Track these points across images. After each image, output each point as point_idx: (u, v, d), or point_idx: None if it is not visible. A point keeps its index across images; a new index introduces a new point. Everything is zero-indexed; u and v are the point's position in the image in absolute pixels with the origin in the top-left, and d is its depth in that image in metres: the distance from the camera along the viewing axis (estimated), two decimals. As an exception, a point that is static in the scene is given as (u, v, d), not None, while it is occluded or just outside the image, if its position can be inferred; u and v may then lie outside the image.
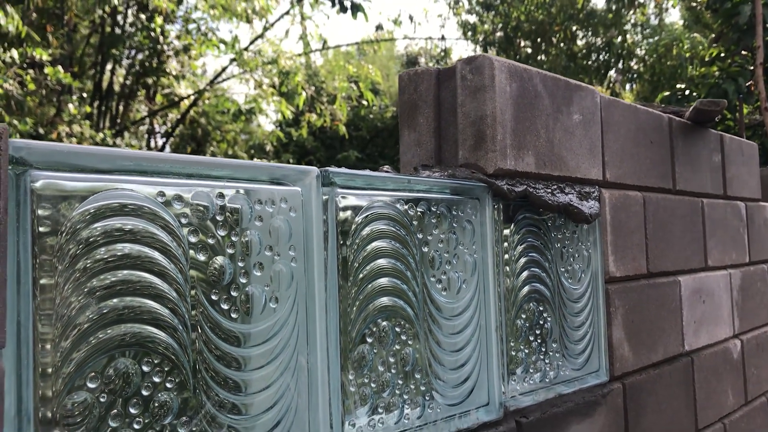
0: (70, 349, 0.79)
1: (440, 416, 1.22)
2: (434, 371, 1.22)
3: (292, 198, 1.02)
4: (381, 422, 1.12)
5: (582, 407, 1.55)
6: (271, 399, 0.97)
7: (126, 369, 0.83)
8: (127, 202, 0.83)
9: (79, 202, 0.80)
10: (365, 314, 1.11)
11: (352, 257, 1.10)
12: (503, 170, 1.34)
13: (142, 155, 0.86)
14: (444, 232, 1.26)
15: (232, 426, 0.93)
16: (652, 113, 1.92)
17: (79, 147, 0.81)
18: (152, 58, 9.59)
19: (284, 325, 0.99)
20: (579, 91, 1.59)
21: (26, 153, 0.76)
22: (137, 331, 0.84)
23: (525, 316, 1.44)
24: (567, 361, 1.54)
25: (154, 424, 0.84)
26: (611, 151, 1.71)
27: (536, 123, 1.44)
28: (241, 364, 0.94)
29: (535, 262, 1.47)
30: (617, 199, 1.72)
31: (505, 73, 1.36)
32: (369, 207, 1.13)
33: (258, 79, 10.25)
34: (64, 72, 7.48)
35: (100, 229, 0.81)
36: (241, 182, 0.96)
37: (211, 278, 0.91)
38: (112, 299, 0.82)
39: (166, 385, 0.86)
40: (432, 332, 1.22)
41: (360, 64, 11.34)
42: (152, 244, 0.85)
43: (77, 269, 0.79)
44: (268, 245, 0.98)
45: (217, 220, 0.93)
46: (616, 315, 1.69)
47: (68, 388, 0.78)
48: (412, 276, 1.19)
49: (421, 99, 1.42)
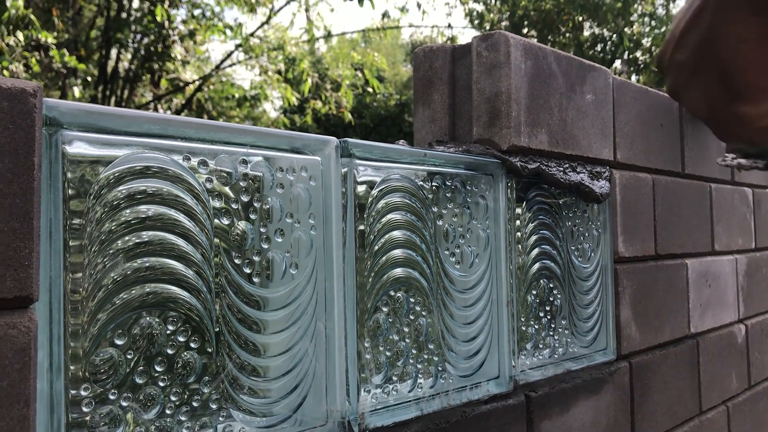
0: (98, 308, 0.81)
1: (452, 387, 1.24)
2: (447, 343, 1.24)
3: (312, 167, 1.03)
4: (395, 390, 1.14)
5: (589, 384, 1.57)
6: (290, 363, 0.99)
7: (152, 328, 0.84)
8: (153, 164, 0.85)
9: (107, 164, 0.81)
10: (381, 285, 1.13)
11: (369, 229, 1.12)
12: (517, 147, 1.35)
13: (168, 119, 0.87)
14: (458, 206, 1.28)
15: (252, 387, 0.95)
16: (663, 96, 1.93)
17: (108, 108, 0.82)
18: (157, 42, 9.58)
19: (303, 290, 1.01)
20: (592, 71, 1.61)
21: (58, 113, 0.78)
22: (163, 291, 0.85)
23: (535, 293, 1.45)
24: (575, 338, 1.56)
25: (179, 382, 0.87)
26: (622, 132, 1.72)
27: (550, 101, 1.45)
28: (260, 327, 0.96)
29: (546, 240, 1.49)
30: (627, 180, 1.73)
31: (520, 50, 1.37)
32: (386, 179, 1.15)
33: (263, 66, 10.25)
34: (70, 55, 7.49)
35: (126, 191, 0.83)
36: (263, 150, 0.98)
37: (234, 242, 0.93)
38: (138, 259, 0.84)
39: (191, 345, 0.88)
40: (445, 304, 1.24)
41: (365, 51, 11.32)
42: (178, 206, 0.87)
43: (104, 229, 0.81)
44: (288, 212, 1.00)
45: (240, 186, 0.94)
46: (624, 295, 1.70)
47: (96, 345, 0.80)
48: (426, 248, 1.21)
49: (436, 76, 1.43)
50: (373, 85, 10.13)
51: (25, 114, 0.71)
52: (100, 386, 0.80)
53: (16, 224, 0.70)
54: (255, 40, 10.08)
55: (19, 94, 0.71)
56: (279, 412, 0.97)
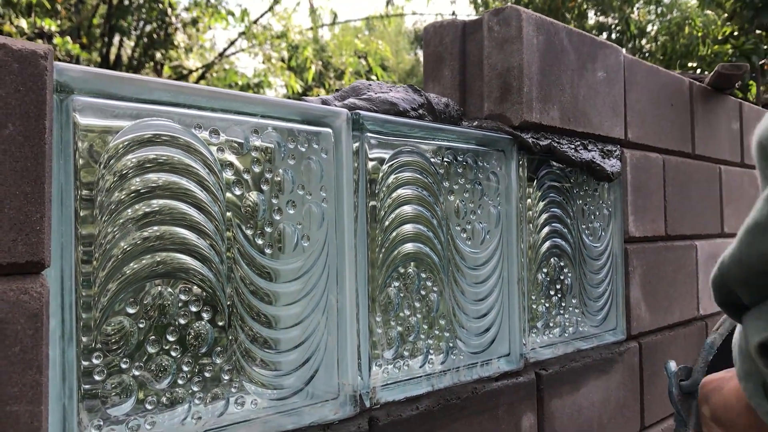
0: (108, 278, 0.80)
1: (463, 363, 1.23)
2: (458, 319, 1.23)
3: (323, 139, 1.02)
4: (406, 365, 1.13)
5: (599, 363, 1.56)
6: (302, 335, 0.98)
7: (163, 298, 0.84)
8: (163, 132, 0.84)
9: (118, 130, 0.80)
10: (392, 259, 1.12)
11: (379, 204, 1.11)
12: (529, 123, 1.34)
13: (180, 86, 0.86)
14: (469, 182, 1.27)
15: (264, 359, 0.94)
16: (673, 76, 1.91)
17: (120, 74, 0.81)
18: (160, 30, 9.54)
19: (315, 263, 1.00)
20: (604, 48, 1.59)
21: (69, 78, 0.76)
22: (173, 260, 0.85)
23: (546, 271, 1.44)
24: (586, 317, 1.55)
25: (191, 352, 0.86)
26: (633, 111, 1.71)
27: (561, 77, 1.44)
28: (272, 299, 0.95)
29: (557, 218, 1.48)
30: (638, 159, 1.71)
31: (532, 25, 1.35)
32: (396, 153, 1.14)
33: (267, 53, 10.20)
34: (73, 43, 7.46)
35: (135, 159, 0.82)
36: (275, 120, 0.96)
37: (246, 213, 0.92)
38: (148, 228, 0.83)
39: (203, 316, 0.87)
40: (456, 280, 1.23)
41: (369, 39, 11.26)
42: (190, 176, 0.86)
43: (115, 198, 0.80)
44: (300, 184, 0.99)
45: (252, 156, 0.93)
46: (634, 275, 1.69)
47: (107, 315, 0.79)
48: (437, 224, 1.20)
49: (447, 51, 1.41)
50: (377, 73, 10.08)
51: (35, 77, 0.70)
52: (112, 355, 0.79)
53: (27, 188, 0.69)
54: (258, 28, 10.03)
55: (29, 56, 0.70)
56: (291, 384, 0.97)
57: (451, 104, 1.28)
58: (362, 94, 1.14)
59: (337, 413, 1.01)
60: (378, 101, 1.13)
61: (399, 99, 1.16)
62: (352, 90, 1.15)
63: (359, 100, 1.12)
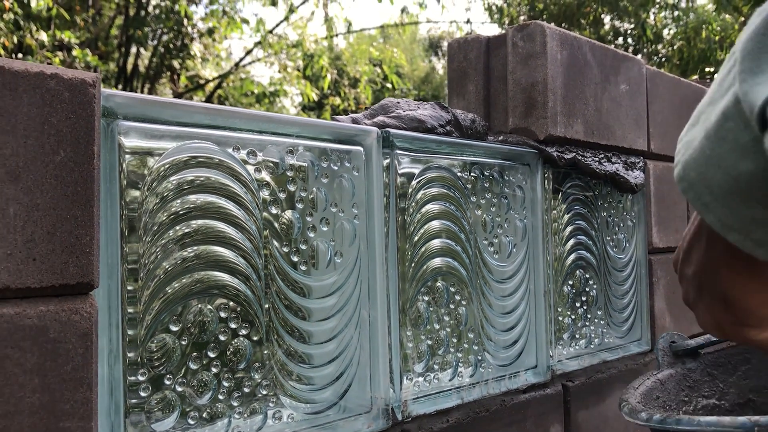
0: (152, 296, 0.82)
1: (491, 376, 1.25)
2: (486, 332, 1.25)
3: (355, 157, 1.04)
4: (436, 378, 1.15)
5: (625, 374, 1.57)
6: (336, 350, 1.00)
7: (204, 314, 0.86)
8: (205, 155, 0.86)
9: (161, 153, 0.83)
10: (421, 274, 1.14)
11: (409, 219, 1.12)
12: (553, 137, 1.35)
13: (218, 109, 0.89)
14: (495, 196, 1.28)
15: (300, 374, 0.96)
16: (694, 86, 1.92)
17: (162, 99, 0.84)
18: (177, 40, 9.64)
19: (348, 279, 1.02)
20: (626, 61, 1.60)
21: (114, 103, 0.79)
22: (210, 278, 0.87)
23: (571, 283, 1.45)
24: (611, 328, 1.56)
25: (230, 367, 0.88)
26: (656, 123, 1.72)
27: (585, 91, 1.45)
28: (306, 314, 0.97)
29: (582, 230, 1.49)
30: (661, 170, 1.72)
31: (556, 40, 1.37)
32: (425, 170, 1.15)
33: (282, 63, 10.28)
34: (92, 55, 7.57)
35: (176, 181, 0.84)
36: (308, 140, 0.99)
37: (281, 231, 0.94)
38: (188, 248, 0.85)
39: (241, 332, 0.89)
40: (484, 294, 1.25)
41: (384, 47, 11.32)
42: (228, 195, 0.88)
43: (158, 219, 0.83)
44: (333, 201, 1.01)
45: (287, 176, 0.95)
46: (659, 285, 1.70)
47: (152, 333, 0.82)
48: (465, 238, 1.22)
49: (471, 66, 1.43)
50: (392, 81, 10.13)
51: (85, 104, 0.73)
52: (156, 371, 0.82)
53: (77, 212, 0.72)
54: (274, 38, 10.12)
55: (79, 84, 0.72)
56: (325, 398, 0.99)
57: (477, 120, 1.30)
58: (391, 111, 1.16)
59: (370, 426, 1.03)
60: (407, 119, 1.15)
61: (427, 116, 1.18)
62: (381, 108, 1.17)
63: (388, 118, 1.14)
